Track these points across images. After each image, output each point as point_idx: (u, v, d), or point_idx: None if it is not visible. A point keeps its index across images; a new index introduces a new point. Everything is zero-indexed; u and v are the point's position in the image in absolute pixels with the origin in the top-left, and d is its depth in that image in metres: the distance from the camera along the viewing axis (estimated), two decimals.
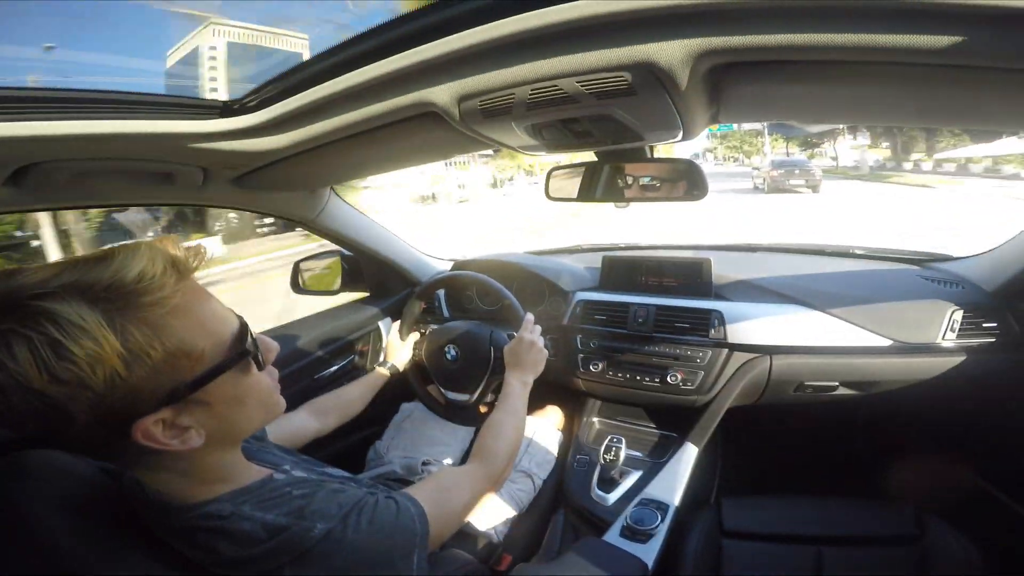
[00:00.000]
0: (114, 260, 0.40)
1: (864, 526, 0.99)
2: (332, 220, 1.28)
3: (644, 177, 0.89)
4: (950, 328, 1.09)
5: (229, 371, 0.47)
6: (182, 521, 0.49)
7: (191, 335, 0.44)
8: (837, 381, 1.18)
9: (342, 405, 1.05)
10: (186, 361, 0.43)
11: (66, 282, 0.38)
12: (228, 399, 0.48)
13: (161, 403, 0.43)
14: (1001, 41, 0.38)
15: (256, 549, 0.47)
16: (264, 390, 0.52)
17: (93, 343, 0.37)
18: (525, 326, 1.04)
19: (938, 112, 0.63)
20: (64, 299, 0.37)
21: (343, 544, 0.50)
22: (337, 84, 0.62)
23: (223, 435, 0.50)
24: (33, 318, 0.37)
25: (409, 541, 0.54)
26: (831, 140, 32.86)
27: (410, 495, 0.60)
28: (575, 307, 1.38)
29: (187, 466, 0.49)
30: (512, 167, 31.77)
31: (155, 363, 0.41)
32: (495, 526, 1.08)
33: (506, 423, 0.85)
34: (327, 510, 0.51)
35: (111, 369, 0.38)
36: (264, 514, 0.49)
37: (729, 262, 1.39)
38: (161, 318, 0.41)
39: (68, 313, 0.37)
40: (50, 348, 0.36)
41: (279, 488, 0.53)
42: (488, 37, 0.50)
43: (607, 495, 1.12)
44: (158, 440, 0.43)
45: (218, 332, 0.47)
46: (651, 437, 1.31)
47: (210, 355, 0.45)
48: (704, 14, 0.43)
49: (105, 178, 0.79)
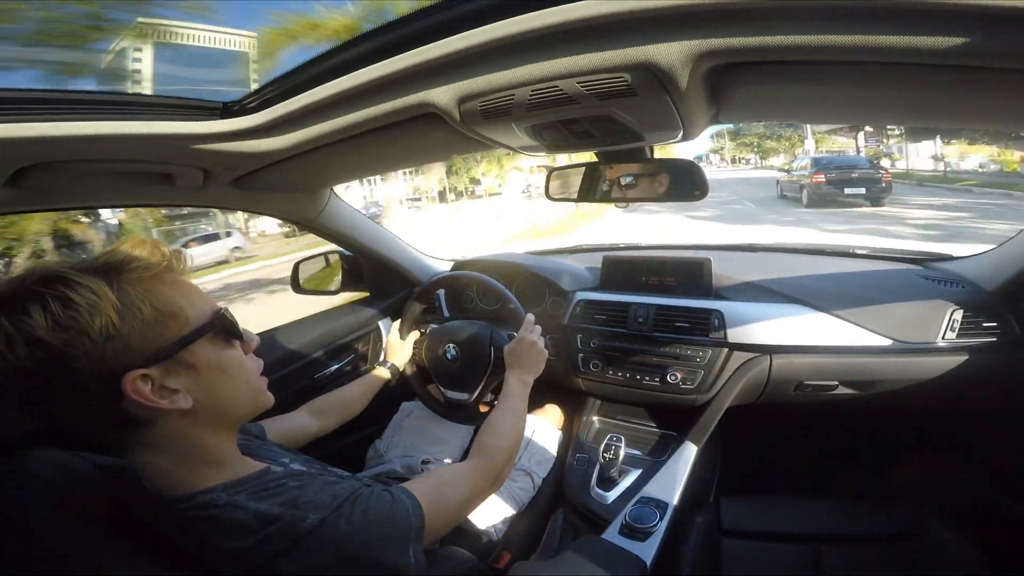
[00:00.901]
0: (110, 250, 0.49)
1: (863, 525, 0.99)
2: (332, 221, 1.28)
3: (645, 178, 0.89)
4: (950, 328, 1.09)
5: (210, 336, 0.52)
6: (178, 511, 0.50)
7: (177, 299, 0.50)
8: (837, 381, 1.18)
9: (342, 405, 1.05)
10: (172, 322, 0.49)
11: (70, 263, 0.47)
12: (212, 365, 0.52)
13: (150, 360, 0.47)
14: (1001, 41, 0.38)
15: (249, 539, 0.48)
16: (247, 368, 0.57)
17: (93, 295, 0.44)
18: (526, 326, 1.04)
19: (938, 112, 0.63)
20: (70, 269, 0.45)
21: (336, 534, 0.50)
22: (337, 85, 0.62)
23: (211, 407, 0.52)
24: (48, 281, 0.44)
25: (404, 533, 0.55)
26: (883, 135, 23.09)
27: (406, 488, 0.60)
28: (575, 307, 1.39)
29: (181, 446, 0.51)
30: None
31: (145, 319, 0.47)
32: (494, 524, 1.08)
33: (506, 422, 0.86)
34: (321, 500, 0.52)
35: (107, 318, 0.44)
36: (258, 504, 0.50)
37: (729, 261, 1.39)
38: (150, 282, 0.49)
39: (74, 275, 0.45)
40: (59, 301, 0.43)
41: (275, 479, 0.54)
42: (488, 38, 0.50)
43: (606, 493, 1.13)
44: (147, 396, 0.47)
45: (200, 304, 0.53)
46: (651, 436, 1.32)
47: (193, 320, 0.51)
48: (704, 15, 0.43)
49: (105, 179, 0.79)
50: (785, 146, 34.69)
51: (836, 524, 1.00)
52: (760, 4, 0.41)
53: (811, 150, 27.98)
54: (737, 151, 43.56)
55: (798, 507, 1.07)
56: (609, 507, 1.10)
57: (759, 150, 38.71)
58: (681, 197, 0.86)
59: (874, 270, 1.38)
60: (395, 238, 1.51)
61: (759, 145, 38.04)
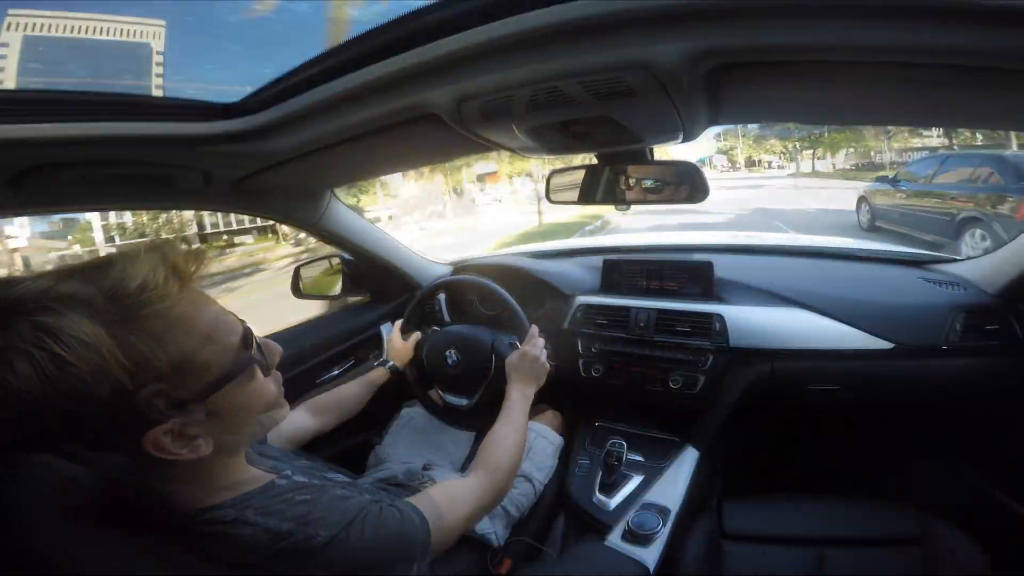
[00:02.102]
0: (113, 268, 0.40)
1: (866, 528, 0.99)
2: (333, 224, 1.28)
3: (645, 179, 0.89)
4: (952, 330, 1.08)
5: (235, 379, 0.47)
6: (184, 525, 0.49)
7: (195, 346, 0.43)
8: (839, 384, 1.18)
9: (341, 403, 1.05)
10: (191, 372, 0.43)
11: (64, 293, 0.38)
12: (235, 407, 0.48)
13: (167, 416, 0.42)
14: (1001, 41, 0.38)
15: (258, 555, 0.47)
16: (270, 396, 0.52)
17: (96, 356, 0.37)
18: (529, 338, 1.04)
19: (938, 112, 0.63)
20: (64, 313, 0.37)
21: (346, 552, 0.50)
22: (337, 86, 0.62)
23: (230, 442, 0.50)
24: (33, 333, 0.36)
25: (410, 551, 0.55)
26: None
27: (414, 504, 0.60)
28: (576, 311, 1.38)
29: (193, 474, 0.48)
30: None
31: (160, 375, 0.40)
32: (495, 530, 1.07)
33: (509, 438, 0.85)
34: (331, 517, 0.51)
35: (115, 381, 0.38)
36: (266, 519, 0.49)
37: (731, 265, 1.38)
38: (164, 329, 0.41)
39: (69, 327, 0.36)
40: (52, 363, 0.35)
41: (281, 494, 0.53)
42: (488, 38, 0.50)
43: (608, 499, 1.12)
44: (168, 451, 0.43)
45: (222, 341, 0.46)
46: (653, 441, 1.31)
47: (216, 365, 0.45)
48: (704, 15, 0.43)
49: (106, 181, 0.79)
50: (855, 139, 19.94)
51: (839, 527, 0.99)
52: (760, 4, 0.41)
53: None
54: (755, 151, 31.15)
55: (801, 510, 1.06)
56: (611, 513, 1.09)
57: (812, 144, 24.26)
58: (681, 199, 0.86)
59: (876, 273, 1.37)
60: (395, 242, 1.51)
61: (818, 139, 23.07)
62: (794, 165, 26.53)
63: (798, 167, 25.37)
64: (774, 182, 19.06)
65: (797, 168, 25.53)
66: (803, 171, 23.62)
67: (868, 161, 16.02)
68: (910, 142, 18.38)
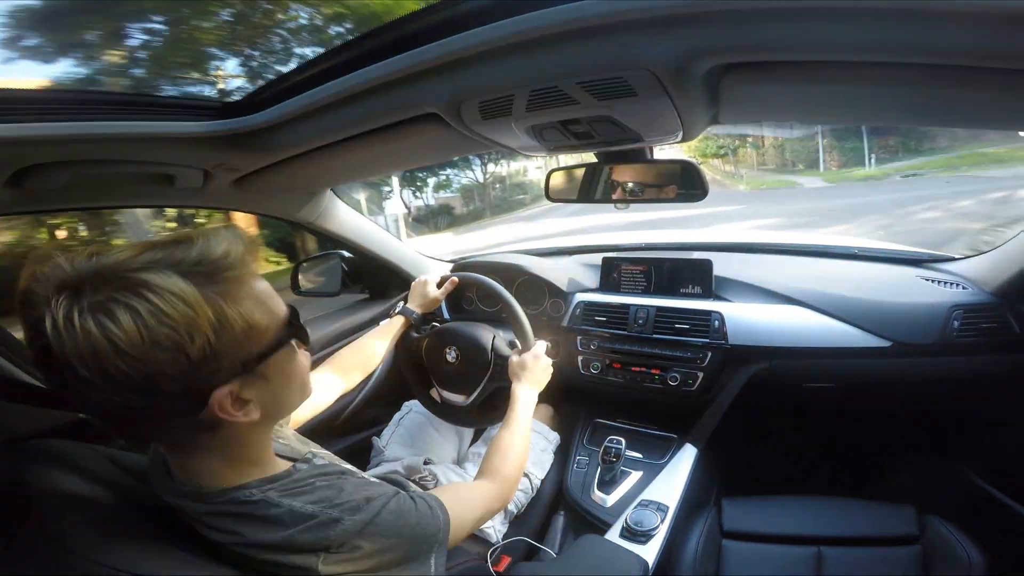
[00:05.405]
0: (197, 241, 0.44)
1: (864, 526, 0.99)
2: (332, 222, 1.28)
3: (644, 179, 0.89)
4: (950, 329, 1.09)
5: (285, 347, 0.50)
6: (212, 506, 0.50)
7: (260, 310, 0.47)
8: (837, 382, 1.18)
9: (363, 359, 1.03)
10: (256, 334, 0.46)
11: (157, 257, 0.41)
12: (282, 375, 0.51)
13: (236, 374, 0.45)
14: (1002, 41, 0.38)
15: (280, 533, 0.48)
16: (305, 369, 0.56)
17: (191, 310, 0.40)
18: (536, 344, 1.04)
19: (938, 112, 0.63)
20: (160, 271, 0.40)
21: (370, 537, 0.51)
22: (337, 85, 0.62)
23: (271, 412, 0.52)
24: (133, 289, 0.39)
25: (430, 543, 0.56)
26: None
27: (436, 497, 0.61)
28: (575, 309, 1.38)
29: (231, 446, 0.50)
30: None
31: (236, 334, 0.44)
32: (494, 526, 1.08)
33: (515, 444, 0.86)
34: (356, 502, 0.52)
35: (205, 337, 0.41)
36: (291, 501, 0.50)
37: (729, 263, 1.39)
38: (241, 293, 0.45)
39: (166, 284, 0.39)
40: (152, 316, 0.38)
41: (303, 478, 0.54)
42: (488, 38, 0.50)
43: (607, 496, 1.12)
44: (228, 412, 0.45)
45: (276, 311, 0.50)
46: (651, 438, 1.31)
47: (272, 331, 0.49)
48: (703, 15, 0.43)
49: (105, 180, 0.79)
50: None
51: (837, 525, 1.00)
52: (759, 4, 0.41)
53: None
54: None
55: (799, 508, 1.06)
56: (610, 510, 1.10)
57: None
58: (680, 198, 0.86)
59: (874, 271, 1.37)
60: (394, 239, 1.51)
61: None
62: None
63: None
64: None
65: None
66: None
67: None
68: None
